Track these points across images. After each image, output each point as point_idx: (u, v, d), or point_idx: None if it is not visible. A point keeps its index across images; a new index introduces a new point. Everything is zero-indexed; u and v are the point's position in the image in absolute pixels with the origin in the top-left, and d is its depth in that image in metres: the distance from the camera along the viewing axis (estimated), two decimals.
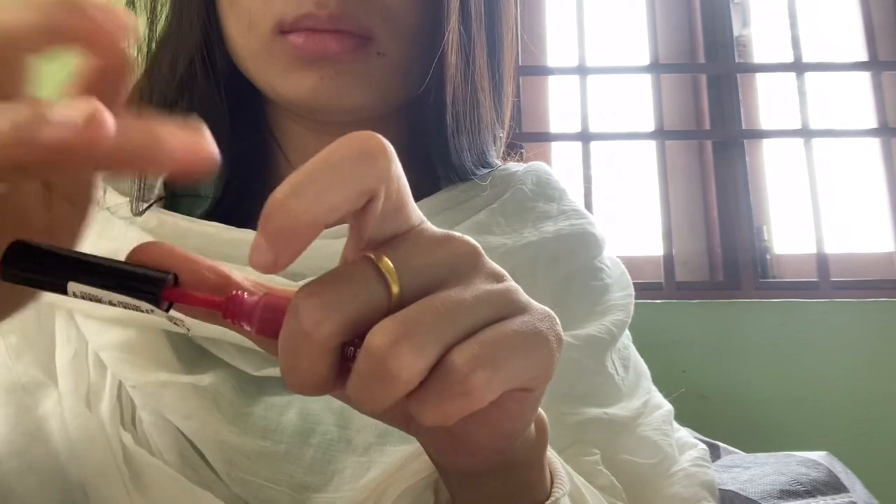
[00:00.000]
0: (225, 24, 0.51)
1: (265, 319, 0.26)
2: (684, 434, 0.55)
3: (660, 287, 1.24)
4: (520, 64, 1.31)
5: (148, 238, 0.46)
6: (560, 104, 1.39)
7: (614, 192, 1.38)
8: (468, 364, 0.24)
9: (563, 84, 1.39)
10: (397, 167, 0.26)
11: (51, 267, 0.26)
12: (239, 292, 0.27)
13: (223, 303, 0.26)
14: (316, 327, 0.24)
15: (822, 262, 1.25)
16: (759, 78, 1.41)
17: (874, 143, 1.34)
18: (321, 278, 0.25)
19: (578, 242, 0.54)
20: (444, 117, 0.50)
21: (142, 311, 0.26)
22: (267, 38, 0.48)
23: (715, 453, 0.63)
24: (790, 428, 1.12)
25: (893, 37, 1.37)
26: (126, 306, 0.26)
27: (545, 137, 1.35)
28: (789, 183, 1.35)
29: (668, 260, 1.26)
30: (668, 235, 1.27)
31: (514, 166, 0.58)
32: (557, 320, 0.28)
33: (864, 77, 1.36)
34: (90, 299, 0.26)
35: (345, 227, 0.47)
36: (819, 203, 1.27)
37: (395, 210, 0.26)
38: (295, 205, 0.23)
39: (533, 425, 0.31)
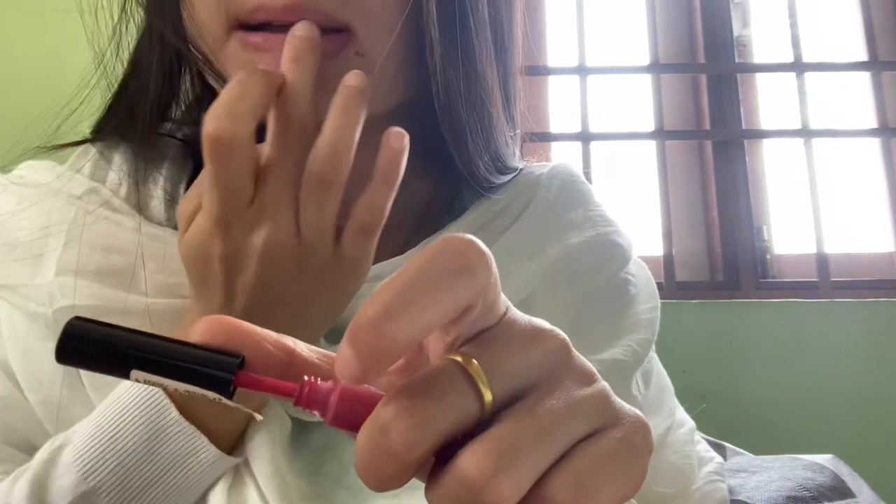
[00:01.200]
0: (189, 27, 0.46)
1: (341, 410, 0.24)
2: (703, 447, 0.54)
3: (660, 287, 1.23)
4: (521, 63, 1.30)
5: None
6: (560, 104, 1.38)
7: (614, 193, 1.38)
8: (569, 500, 0.23)
9: (563, 84, 1.39)
10: (496, 273, 0.25)
11: (111, 352, 0.24)
12: (312, 379, 0.25)
13: (296, 390, 0.25)
14: (409, 449, 0.22)
15: (822, 262, 1.25)
16: (759, 78, 1.41)
17: (874, 143, 1.34)
18: (410, 387, 0.23)
19: (603, 255, 0.52)
20: (458, 123, 0.46)
21: (208, 399, 0.25)
22: (222, 40, 0.43)
23: (721, 454, 0.63)
24: (790, 428, 1.12)
25: (893, 37, 1.37)
26: (192, 393, 0.25)
27: (545, 137, 1.34)
28: (789, 183, 1.35)
29: (668, 260, 1.26)
30: (668, 235, 1.27)
31: (538, 168, 0.55)
32: (649, 427, 0.26)
33: (864, 77, 1.36)
34: (154, 385, 0.24)
35: (376, 272, 0.47)
36: (819, 203, 1.27)
37: (487, 311, 0.25)
38: (389, 329, 0.22)
39: None
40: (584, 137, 1.31)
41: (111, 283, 0.44)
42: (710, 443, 0.60)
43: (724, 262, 1.30)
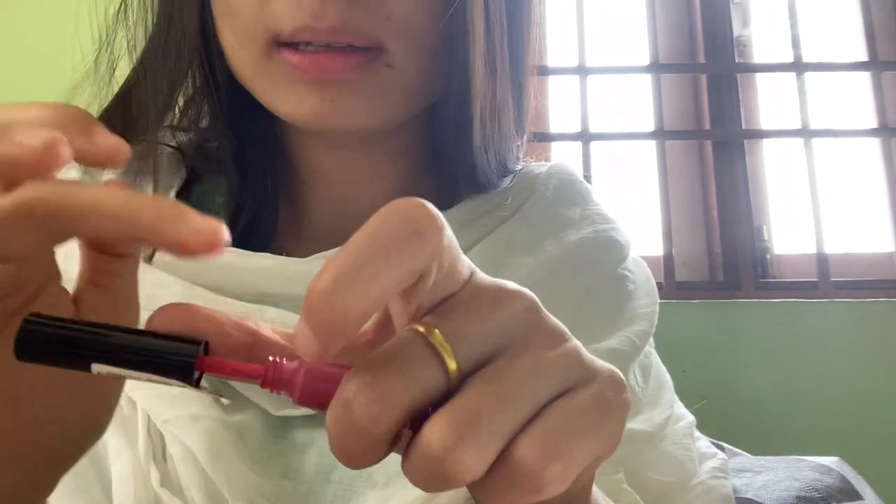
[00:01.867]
0: (220, 36, 0.47)
1: (308, 388, 0.24)
2: (704, 443, 0.54)
3: (660, 287, 1.23)
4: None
5: (187, 284, 0.44)
6: (560, 104, 1.38)
7: (614, 192, 1.38)
8: (539, 459, 0.23)
9: (563, 84, 1.39)
10: (449, 236, 0.24)
11: (70, 347, 0.24)
12: (277, 359, 0.24)
13: (262, 372, 0.24)
14: (373, 423, 0.22)
15: (822, 262, 1.25)
16: (759, 78, 1.41)
17: (874, 143, 1.34)
18: (371, 361, 0.23)
19: (601, 251, 0.52)
20: (469, 131, 0.46)
21: (174, 388, 0.24)
22: (262, 54, 0.44)
23: None
24: (790, 428, 1.12)
25: (893, 37, 1.37)
26: (156, 382, 0.24)
27: (545, 137, 1.34)
28: (789, 183, 1.35)
29: (668, 260, 1.26)
30: (668, 235, 1.27)
31: (536, 168, 0.55)
32: (624, 383, 0.26)
33: (864, 77, 1.36)
34: (117, 377, 0.24)
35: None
36: (819, 203, 1.27)
37: (446, 276, 0.24)
38: (340, 300, 0.21)
39: None
40: (584, 137, 1.31)
41: None
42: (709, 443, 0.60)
43: (724, 262, 1.30)
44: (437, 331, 0.23)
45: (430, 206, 0.24)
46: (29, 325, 0.24)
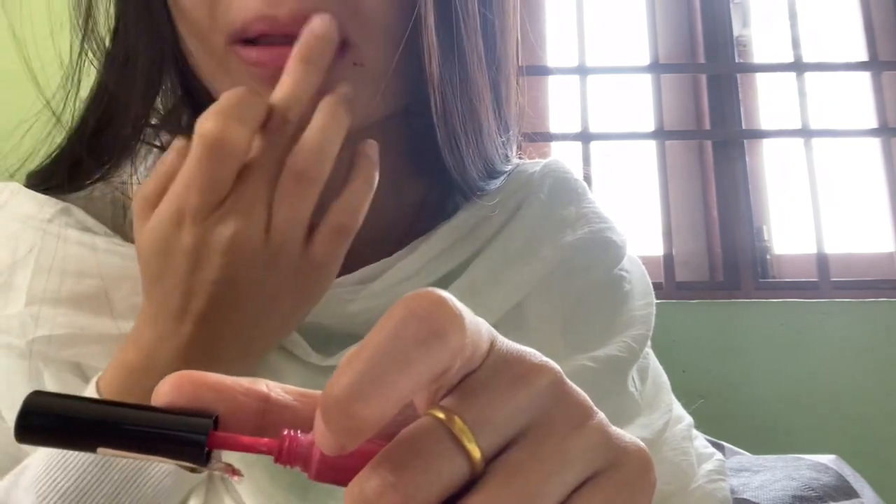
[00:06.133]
0: (182, 39, 0.45)
1: (324, 465, 0.23)
2: (701, 443, 0.54)
3: (660, 287, 1.24)
4: (520, 64, 1.30)
5: None
6: (560, 104, 1.38)
7: (614, 192, 1.38)
8: None
9: (563, 84, 1.39)
10: (471, 323, 0.23)
11: (74, 429, 0.22)
12: (292, 433, 0.23)
13: (276, 447, 0.23)
14: None
15: (822, 262, 1.25)
16: (759, 78, 1.41)
17: (874, 143, 1.34)
18: (392, 454, 0.22)
19: (596, 252, 0.52)
20: (435, 132, 0.44)
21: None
22: (220, 52, 0.42)
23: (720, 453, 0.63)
24: (790, 428, 1.12)
25: (893, 37, 1.37)
26: (165, 463, 0.23)
27: (545, 137, 1.34)
28: (789, 183, 1.35)
29: (668, 260, 1.26)
30: (668, 235, 1.27)
31: (530, 166, 0.54)
32: (652, 462, 0.25)
33: (864, 77, 1.36)
34: (124, 458, 0.23)
35: (366, 274, 0.47)
36: (819, 203, 1.27)
37: (469, 359, 0.23)
38: (359, 409, 0.21)
39: None
40: (584, 137, 1.31)
41: (86, 308, 0.43)
42: (709, 443, 0.60)
43: (724, 262, 1.30)
44: (457, 419, 0.22)
45: (450, 301, 0.22)
46: (31, 406, 0.23)
